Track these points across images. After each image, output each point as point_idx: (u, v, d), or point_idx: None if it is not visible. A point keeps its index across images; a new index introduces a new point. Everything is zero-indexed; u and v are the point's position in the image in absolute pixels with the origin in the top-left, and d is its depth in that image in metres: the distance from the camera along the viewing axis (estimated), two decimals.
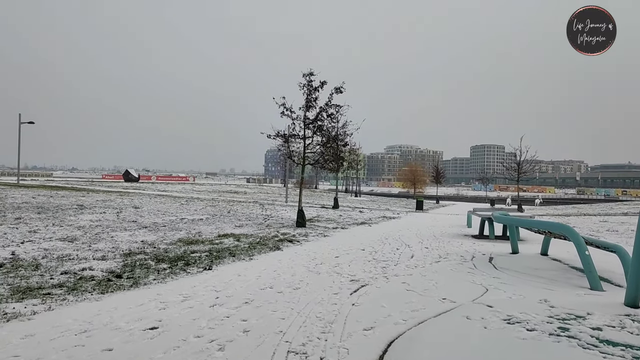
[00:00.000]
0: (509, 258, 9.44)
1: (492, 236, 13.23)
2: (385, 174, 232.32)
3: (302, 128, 15.79)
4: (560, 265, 8.62)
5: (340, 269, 7.97)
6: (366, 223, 18.15)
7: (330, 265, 8.37)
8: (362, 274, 7.60)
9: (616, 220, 22.58)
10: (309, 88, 15.51)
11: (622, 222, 20.41)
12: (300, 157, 16.21)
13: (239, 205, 25.02)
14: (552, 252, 9.96)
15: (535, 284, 6.88)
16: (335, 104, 15.53)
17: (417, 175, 68.11)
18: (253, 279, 7.08)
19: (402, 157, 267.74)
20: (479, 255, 9.88)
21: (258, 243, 11.09)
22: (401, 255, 9.70)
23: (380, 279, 7.14)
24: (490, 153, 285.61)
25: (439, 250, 10.59)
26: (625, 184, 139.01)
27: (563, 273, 7.83)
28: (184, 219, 16.15)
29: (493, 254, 10.06)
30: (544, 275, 7.66)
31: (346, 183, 74.00)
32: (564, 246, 10.45)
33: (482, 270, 8.10)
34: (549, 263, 8.89)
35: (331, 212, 23.42)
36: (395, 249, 10.56)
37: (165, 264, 8.03)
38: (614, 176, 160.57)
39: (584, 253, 6.78)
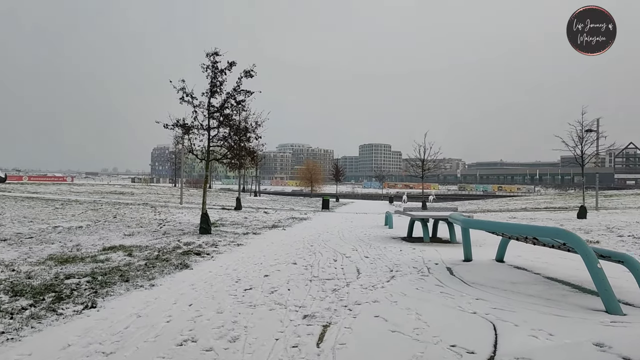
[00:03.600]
0: (469, 268, 7.96)
1: (427, 238, 11.85)
2: (278, 172, 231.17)
3: (205, 117, 13.42)
4: (534, 277, 7.26)
5: (281, 297, 5.92)
6: (278, 226, 16.15)
7: (263, 290, 6.29)
8: (312, 303, 5.61)
9: (523, 215, 22.60)
10: (214, 70, 13.18)
11: (531, 218, 20.27)
12: (204, 151, 13.84)
13: (126, 208, 21.85)
14: (505, 257, 8.71)
15: (538, 309, 5.33)
16: (246, 89, 13.34)
17: (315, 173, 67.07)
18: (161, 322, 4.84)
19: (294, 155, 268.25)
20: (432, 265, 8.31)
21: (157, 258, 8.71)
22: (344, 269, 7.84)
23: (342, 312, 5.21)
24: (379, 152, 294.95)
25: (383, 259, 8.89)
26: (499, 180, 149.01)
27: (550, 288, 6.42)
28: (58, 227, 13.13)
29: (446, 262, 8.55)
30: (531, 292, 6.19)
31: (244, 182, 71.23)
32: (510, 250, 9.14)
33: (453, 287, 6.48)
34: (520, 274, 7.51)
35: (235, 215, 21.12)
36: (333, 261, 8.69)
37: (24, 300, 5.51)
38: (490, 173, 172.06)
39: (596, 267, 5.34)
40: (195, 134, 13.64)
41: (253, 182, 62.96)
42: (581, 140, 21.50)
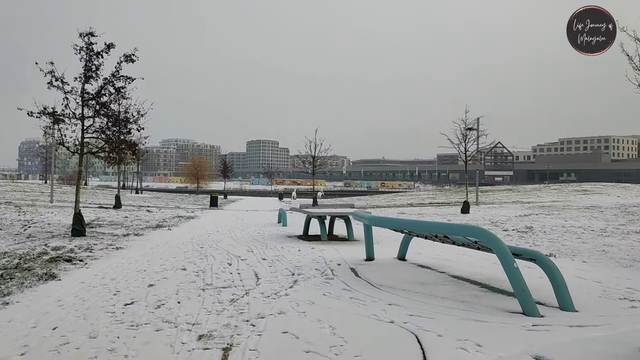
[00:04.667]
0: (374, 268, 7.54)
1: (325, 237, 11.38)
2: (161, 168, 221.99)
3: (79, 105, 11.88)
4: (441, 276, 7.00)
5: (169, 312, 5.02)
6: (163, 226, 14.88)
7: (148, 305, 5.34)
8: (208, 318, 4.79)
9: (411, 211, 23.12)
10: (89, 52, 11.69)
11: (419, 214, 20.74)
12: (77, 144, 12.28)
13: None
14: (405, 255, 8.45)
15: (456, 313, 4.96)
16: (127, 76, 11.99)
17: (202, 169, 64.71)
18: (13, 357, 3.78)
19: (179, 151, 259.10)
20: (335, 266, 7.79)
21: (17, 267, 7.35)
22: (241, 274, 7.06)
23: (245, 329, 4.45)
24: (267, 148, 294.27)
25: (282, 261, 8.22)
26: (382, 177, 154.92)
27: (461, 289, 6.14)
28: None
29: (349, 262, 8.08)
30: (443, 293, 5.86)
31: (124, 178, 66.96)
32: (410, 247, 8.89)
33: (362, 291, 5.98)
34: (425, 273, 7.22)
35: (114, 213, 19.33)
36: (227, 265, 7.86)
37: None
38: (373, 170, 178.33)
39: (512, 267, 5.08)
40: (66, 124, 12.04)
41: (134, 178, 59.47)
42: (464, 138, 22.44)
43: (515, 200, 30.19)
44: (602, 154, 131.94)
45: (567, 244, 10.72)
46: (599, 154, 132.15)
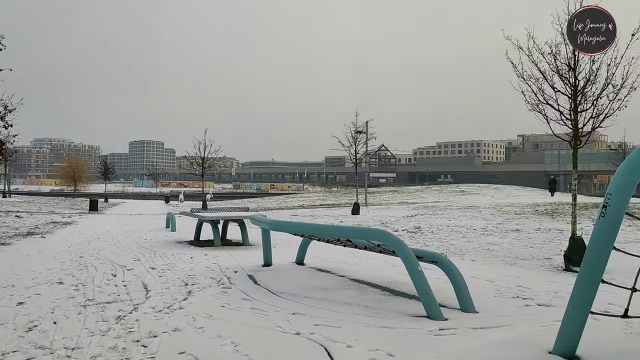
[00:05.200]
0: (273, 274, 7.24)
1: (218, 242, 10.88)
2: (33, 170, 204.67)
3: None
4: (342, 280, 6.88)
5: (44, 335, 4.35)
6: (35, 233, 13.47)
7: (17, 327, 4.61)
8: (91, 341, 4.20)
9: (303, 212, 23.10)
10: None
11: (311, 215, 20.77)
12: None
13: None
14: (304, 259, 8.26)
15: (362, 320, 4.81)
16: None
17: (79, 170, 60.24)
18: None
19: (53, 151, 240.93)
20: (231, 273, 7.38)
21: None
22: (128, 287, 6.42)
23: (136, 352, 3.94)
24: (151, 149, 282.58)
25: (173, 270, 7.65)
26: (271, 179, 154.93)
27: (363, 293, 6.04)
28: None
29: (246, 269, 7.71)
30: (346, 299, 5.71)
31: None
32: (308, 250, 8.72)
33: (263, 300, 5.67)
34: (326, 277, 7.06)
35: None
36: (111, 276, 7.15)
37: None
38: (262, 172, 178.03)
39: (417, 270, 5.03)
40: None
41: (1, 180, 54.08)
42: (355, 141, 22.89)
43: (401, 201, 31.41)
44: (475, 157, 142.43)
45: (455, 243, 11.17)
46: (472, 157, 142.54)
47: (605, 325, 4.21)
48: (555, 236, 11.97)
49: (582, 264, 3.22)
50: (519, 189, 44.17)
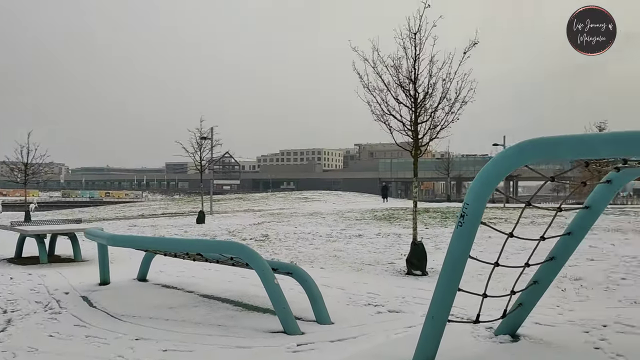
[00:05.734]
0: (111, 294, 6.55)
1: (45, 259, 9.62)
2: None
3: None
4: (190, 296, 6.45)
5: None
6: None
7: None
8: None
9: (143, 222, 21.73)
10: None
11: (153, 225, 19.62)
12: None
13: None
14: None
15: (216, 341, 4.48)
16: None
17: None
18: None
19: None
20: (61, 295, 6.49)
21: None
22: None
23: None
24: None
25: None
26: (106, 186, 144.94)
27: (214, 310, 5.68)
28: None
29: (79, 289, 6.86)
30: (197, 318, 5.32)
31: None
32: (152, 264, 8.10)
33: (101, 325, 5.04)
34: (172, 294, 6.57)
35: None
36: None
37: None
38: (96, 179, 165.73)
39: (273, 283, 4.84)
40: None
41: None
42: (199, 147, 22.17)
43: (247, 208, 31.21)
44: (316, 165, 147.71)
45: (303, 250, 11.22)
46: (313, 164, 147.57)
47: (455, 330, 4.38)
48: (394, 240, 12.63)
49: (441, 273, 3.27)
50: (358, 195, 46.61)
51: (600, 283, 7.47)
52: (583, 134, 3.72)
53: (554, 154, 3.07)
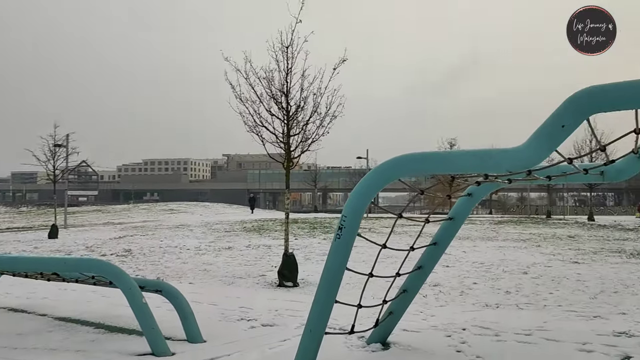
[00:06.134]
0: None
1: None
2: None
3: None
4: (44, 320, 5.85)
5: None
6: None
7: None
8: None
9: None
10: None
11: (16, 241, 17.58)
12: None
13: None
14: None
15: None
16: None
17: None
18: None
19: None
20: None
21: None
22: None
23: None
24: None
25: None
26: None
27: (72, 334, 5.20)
28: None
29: None
30: (52, 344, 4.82)
31: None
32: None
33: None
34: (22, 319, 5.93)
35: None
36: None
37: None
38: None
39: (140, 302, 4.53)
40: None
41: None
42: (53, 155, 20.35)
43: (106, 221, 29.24)
44: (182, 175, 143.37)
45: (170, 265, 10.75)
46: (179, 174, 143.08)
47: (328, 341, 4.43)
48: (265, 252, 12.60)
49: (319, 286, 3.28)
50: (226, 206, 45.90)
51: (455, 288, 8.08)
52: (448, 151, 3.99)
53: (423, 168, 3.24)
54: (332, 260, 3.21)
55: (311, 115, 8.52)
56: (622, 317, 5.81)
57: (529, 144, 2.71)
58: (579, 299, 7.23)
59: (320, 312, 3.26)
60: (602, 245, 15.44)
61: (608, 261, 11.52)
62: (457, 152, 3.58)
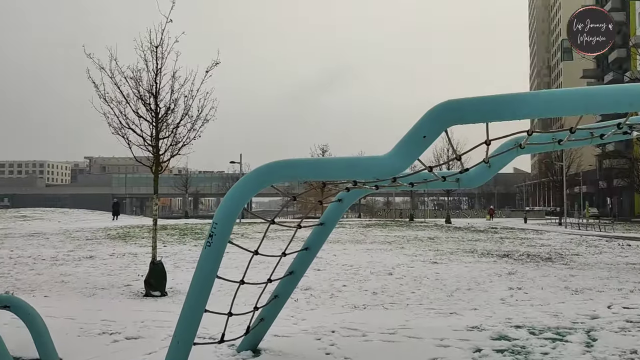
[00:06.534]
0: None
1: None
2: None
3: None
4: None
5: None
6: None
7: None
8: None
9: None
10: None
11: None
12: None
13: None
14: None
15: None
16: None
17: None
18: None
19: None
20: None
21: None
22: None
23: None
24: None
25: None
26: None
27: None
28: None
29: None
30: None
31: None
32: None
33: None
34: None
35: None
36: None
37: None
38: None
39: None
40: None
41: None
42: None
43: None
44: (38, 179, 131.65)
45: (22, 277, 9.79)
46: (34, 178, 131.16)
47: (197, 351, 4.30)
48: (131, 261, 11.97)
49: (188, 295, 3.17)
50: (88, 212, 42.91)
51: (326, 291, 8.28)
52: (320, 158, 4.08)
53: (296, 174, 3.27)
54: (202, 268, 3.11)
55: (182, 118, 8.28)
56: (475, 313, 6.34)
57: (394, 153, 2.85)
58: (438, 297, 7.77)
59: (189, 322, 3.15)
60: (457, 246, 16.80)
61: (463, 261, 12.54)
62: (329, 159, 3.68)
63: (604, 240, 20.27)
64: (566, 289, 8.49)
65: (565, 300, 7.48)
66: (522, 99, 2.67)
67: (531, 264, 12.09)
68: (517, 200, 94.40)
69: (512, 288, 8.53)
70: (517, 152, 3.76)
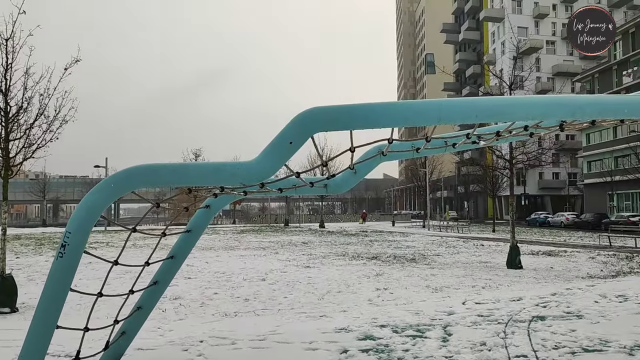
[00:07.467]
0: None
1: None
2: None
3: None
4: None
5: None
6: None
7: None
8: None
9: None
10: None
11: None
12: None
13: None
14: None
15: None
16: None
17: None
18: None
19: None
20: None
21: None
22: None
23: None
24: None
25: None
26: None
27: None
28: None
29: None
30: None
31: None
32: None
33: None
34: None
35: None
36: None
37: None
38: None
39: None
40: None
41: None
42: None
43: None
44: None
45: None
46: None
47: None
48: None
49: (36, 311, 2.90)
50: None
51: (196, 300, 8.06)
52: (183, 163, 3.96)
53: (158, 180, 3.13)
54: (53, 281, 2.86)
55: (37, 118, 7.60)
56: (344, 315, 6.52)
57: (261, 158, 2.84)
58: (309, 301, 7.90)
59: (37, 340, 2.87)
60: (330, 250, 17.25)
61: (334, 264, 12.89)
62: (193, 164, 3.56)
63: (462, 241, 22.03)
64: (427, 288, 9.07)
65: (426, 298, 7.99)
66: (383, 109, 2.79)
67: (397, 265, 12.76)
68: (386, 204, 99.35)
69: (379, 289, 8.92)
70: (380, 159, 3.93)
